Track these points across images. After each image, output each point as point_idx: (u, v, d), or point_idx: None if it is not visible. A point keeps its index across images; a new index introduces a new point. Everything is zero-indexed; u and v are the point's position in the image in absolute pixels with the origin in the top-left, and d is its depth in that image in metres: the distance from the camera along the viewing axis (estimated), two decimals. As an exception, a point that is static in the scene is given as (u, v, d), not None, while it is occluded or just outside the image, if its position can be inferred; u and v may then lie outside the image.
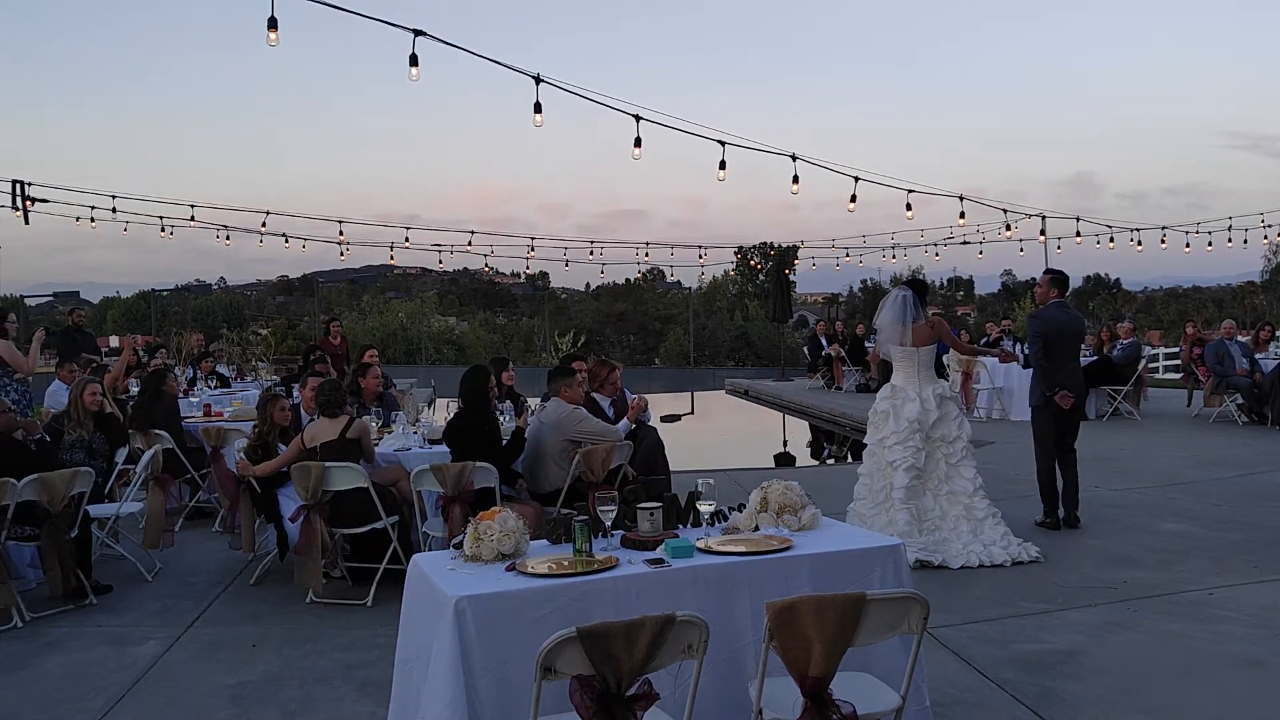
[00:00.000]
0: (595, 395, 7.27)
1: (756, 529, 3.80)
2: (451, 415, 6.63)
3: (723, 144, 10.02)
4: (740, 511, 3.94)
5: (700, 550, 3.52)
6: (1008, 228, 17.59)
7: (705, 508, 3.98)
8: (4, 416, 5.99)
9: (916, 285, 7.06)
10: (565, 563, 3.38)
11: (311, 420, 6.42)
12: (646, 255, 23.09)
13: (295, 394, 7.93)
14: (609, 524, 3.71)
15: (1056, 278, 7.54)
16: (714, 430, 18.68)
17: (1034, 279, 12.40)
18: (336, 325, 14.19)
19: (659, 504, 3.78)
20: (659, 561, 3.41)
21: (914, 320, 6.78)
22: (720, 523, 3.92)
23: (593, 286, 62.23)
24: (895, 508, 6.54)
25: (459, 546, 3.54)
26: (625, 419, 7.07)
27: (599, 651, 2.58)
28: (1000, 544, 6.44)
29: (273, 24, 7.08)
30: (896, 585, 3.52)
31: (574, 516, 3.58)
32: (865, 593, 2.85)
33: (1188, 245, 18.87)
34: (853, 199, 11.62)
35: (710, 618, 2.81)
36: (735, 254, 33.77)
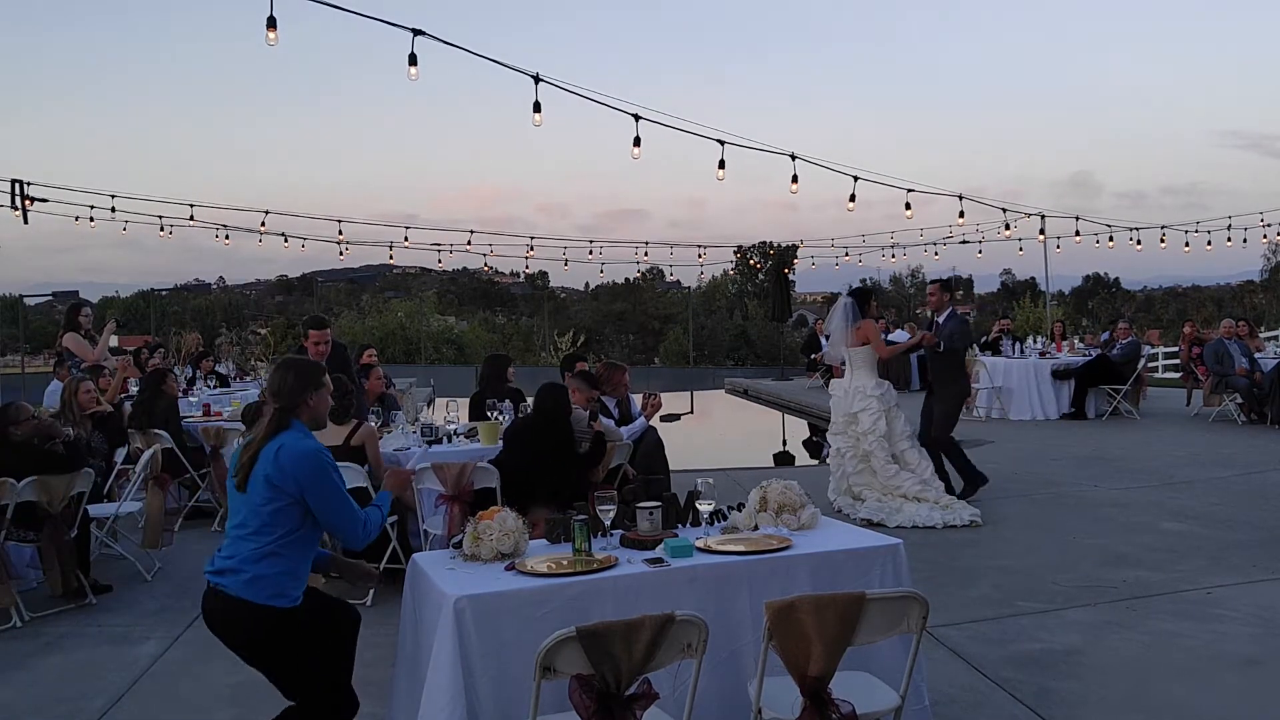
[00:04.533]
0: (602, 397, 7.28)
1: (756, 528, 3.81)
2: (520, 417, 6.79)
3: (722, 143, 10.01)
4: (739, 511, 3.94)
5: (699, 550, 3.52)
6: (1007, 227, 17.57)
7: (704, 507, 3.98)
8: (28, 424, 5.94)
9: (858, 293, 8.02)
10: (564, 562, 3.38)
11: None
12: (646, 255, 23.06)
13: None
14: (608, 523, 3.72)
15: (949, 283, 8.52)
16: (713, 430, 18.67)
17: (1034, 278, 12.59)
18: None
19: (658, 503, 3.78)
20: (658, 561, 3.41)
21: (851, 325, 7.80)
22: (719, 522, 3.92)
23: (592, 286, 62.24)
24: (859, 489, 7.75)
25: (458, 546, 3.54)
26: (642, 417, 7.07)
27: (598, 651, 2.58)
28: (942, 511, 7.37)
29: (272, 23, 7.07)
30: (896, 585, 3.52)
31: (574, 516, 3.58)
32: (864, 592, 2.85)
33: (1187, 245, 18.83)
34: (852, 198, 11.61)
35: (709, 617, 2.82)
36: (734, 253, 33.75)
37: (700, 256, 23.63)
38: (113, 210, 16.09)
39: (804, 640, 2.73)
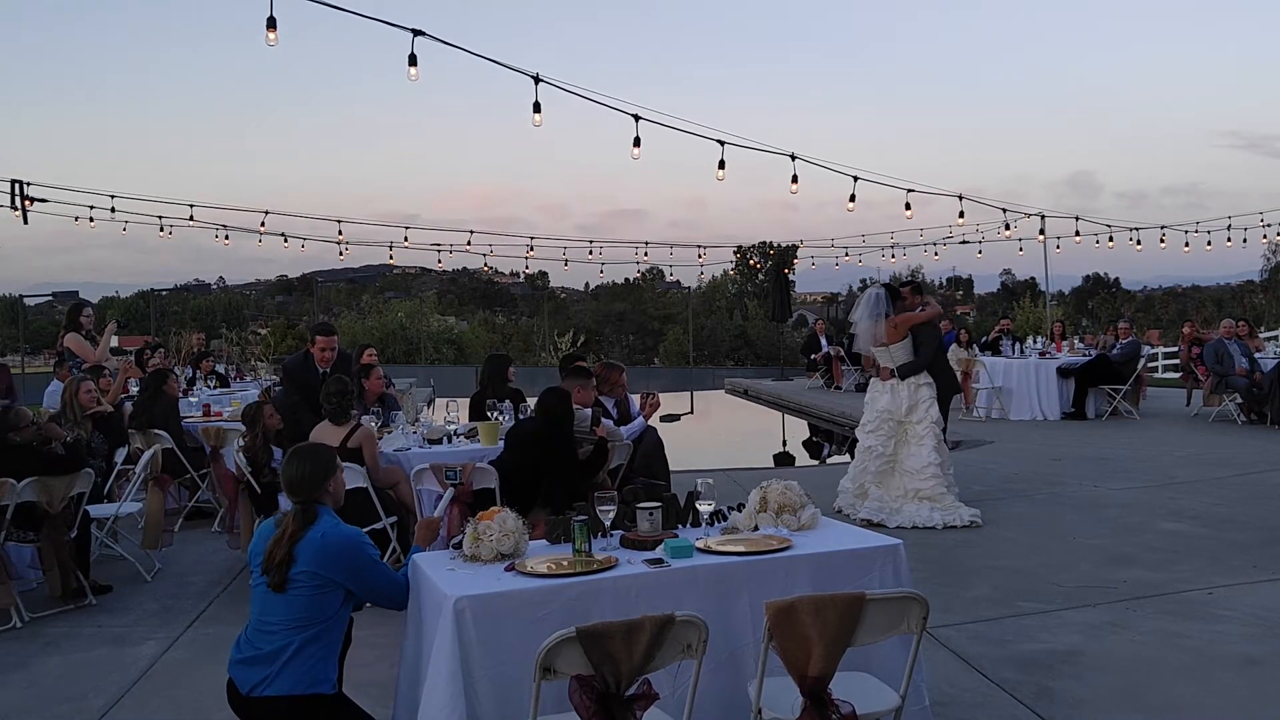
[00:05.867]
0: (600, 397, 7.28)
1: (756, 529, 3.80)
2: (524, 419, 6.71)
3: (722, 144, 10.01)
4: (739, 511, 3.94)
5: (700, 550, 3.52)
6: (1007, 227, 17.57)
7: (704, 507, 3.97)
8: (28, 430, 5.93)
9: (889, 288, 7.88)
10: (564, 563, 3.38)
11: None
12: (646, 255, 23.05)
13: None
14: (608, 524, 3.71)
15: (921, 286, 8.49)
16: (713, 430, 18.67)
17: (1034, 278, 12.60)
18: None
19: (658, 504, 3.78)
20: (658, 561, 3.41)
21: (885, 316, 7.61)
22: (719, 522, 3.92)
23: (592, 286, 62.33)
24: (868, 486, 7.62)
25: (458, 546, 3.54)
26: (641, 417, 7.07)
27: (598, 651, 2.58)
28: (941, 511, 7.31)
29: (272, 24, 7.07)
30: (896, 585, 3.52)
31: (574, 517, 3.58)
32: (864, 593, 2.85)
33: (1187, 245, 18.83)
34: (852, 198, 11.61)
35: (709, 618, 2.81)
36: (734, 253, 33.71)
37: (700, 256, 23.63)
38: (113, 210, 16.10)
39: (804, 641, 2.73)
